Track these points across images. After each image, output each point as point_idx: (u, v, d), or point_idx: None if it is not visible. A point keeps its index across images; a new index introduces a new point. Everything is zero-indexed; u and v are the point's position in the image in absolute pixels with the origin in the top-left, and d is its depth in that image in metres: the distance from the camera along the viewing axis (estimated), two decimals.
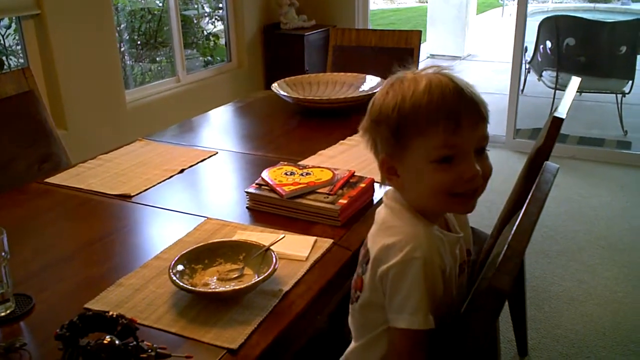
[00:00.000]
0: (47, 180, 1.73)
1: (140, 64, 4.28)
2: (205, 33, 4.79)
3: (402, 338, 0.97)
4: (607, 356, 2.13)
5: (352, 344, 1.13)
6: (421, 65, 1.04)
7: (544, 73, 4.71)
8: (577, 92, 1.82)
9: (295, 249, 1.27)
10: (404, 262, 0.94)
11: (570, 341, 2.20)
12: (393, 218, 1.02)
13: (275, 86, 2.39)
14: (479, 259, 1.62)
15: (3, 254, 1.08)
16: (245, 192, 1.52)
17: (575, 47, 4.51)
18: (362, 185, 1.48)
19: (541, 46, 4.67)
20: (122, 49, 3.97)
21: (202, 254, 1.20)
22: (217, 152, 1.92)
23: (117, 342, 0.91)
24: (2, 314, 1.08)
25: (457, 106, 0.91)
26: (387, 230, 1.01)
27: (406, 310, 0.95)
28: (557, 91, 4.44)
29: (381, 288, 0.99)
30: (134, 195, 1.60)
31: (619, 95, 4.39)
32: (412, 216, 1.00)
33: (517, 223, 0.97)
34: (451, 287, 1.03)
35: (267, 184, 1.50)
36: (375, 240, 1.01)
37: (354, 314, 1.11)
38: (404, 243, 0.95)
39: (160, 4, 4.26)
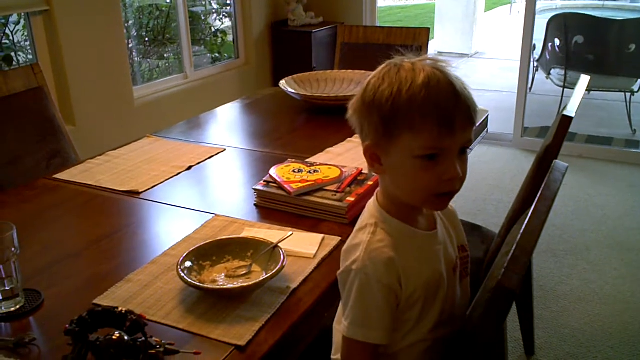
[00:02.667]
0: (56, 176, 1.74)
1: (148, 60, 4.28)
2: (213, 30, 4.80)
3: (344, 344, 0.99)
4: (614, 356, 2.12)
5: None
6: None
7: (552, 71, 4.69)
8: (585, 90, 1.81)
9: (303, 247, 1.27)
10: (344, 272, 0.97)
11: (578, 341, 2.20)
12: (364, 215, 1.03)
13: (283, 83, 2.39)
14: (486, 258, 1.61)
15: (13, 249, 1.08)
16: (253, 189, 1.52)
17: (584, 45, 4.49)
18: (370, 182, 1.48)
19: (550, 44, 4.65)
20: (130, 46, 3.98)
21: (210, 251, 1.20)
22: (224, 149, 1.93)
23: (126, 337, 0.92)
24: (12, 309, 1.09)
25: (452, 109, 0.90)
26: (355, 232, 1.02)
27: (345, 317, 0.97)
28: (565, 89, 4.42)
29: None
30: (142, 192, 1.61)
31: (628, 94, 4.37)
32: (377, 216, 0.99)
33: (526, 222, 0.97)
34: (440, 292, 1.01)
35: (275, 181, 1.50)
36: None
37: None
38: (351, 253, 0.97)
39: (168, 1, 4.26)
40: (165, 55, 4.38)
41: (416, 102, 0.89)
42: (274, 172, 1.55)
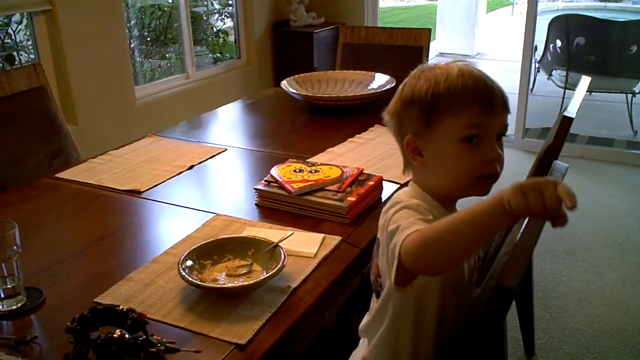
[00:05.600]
0: (58, 175, 1.74)
1: (150, 60, 4.29)
2: (214, 30, 4.80)
3: (404, 247, 0.90)
4: (614, 357, 2.12)
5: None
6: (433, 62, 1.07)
7: (553, 72, 4.69)
8: (587, 91, 1.82)
9: (304, 246, 1.28)
10: (395, 213, 0.96)
11: (578, 342, 2.20)
12: (399, 196, 1.05)
13: (284, 83, 2.40)
14: (487, 258, 1.62)
15: (15, 247, 1.09)
16: (254, 188, 1.52)
17: (585, 46, 4.49)
18: (371, 182, 1.49)
19: (551, 45, 4.65)
20: (132, 45, 3.98)
21: (211, 250, 1.21)
22: (226, 149, 1.93)
23: (127, 335, 0.92)
24: (14, 307, 1.10)
25: (489, 91, 0.97)
26: (396, 197, 1.04)
27: (400, 228, 0.92)
28: (566, 90, 4.42)
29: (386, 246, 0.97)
30: (143, 191, 1.61)
31: (629, 95, 4.37)
32: (418, 197, 1.01)
33: (525, 222, 0.98)
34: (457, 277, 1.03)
35: (276, 181, 1.51)
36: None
37: (377, 305, 1.10)
38: (400, 202, 0.98)
39: (170, 1, 4.27)
40: (167, 55, 4.38)
41: (455, 88, 0.96)
42: (275, 171, 1.55)
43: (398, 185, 1.59)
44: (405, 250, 0.87)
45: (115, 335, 0.92)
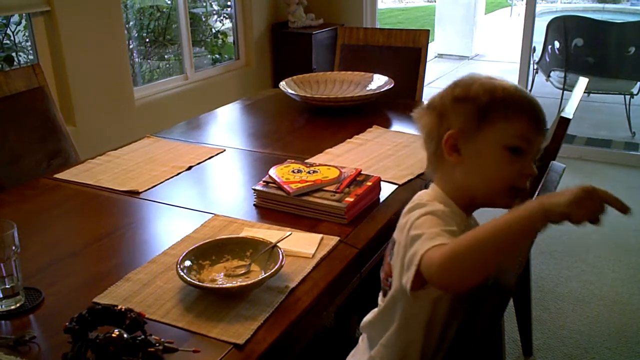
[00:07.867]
0: (57, 175, 1.75)
1: (149, 61, 4.29)
2: (213, 31, 4.81)
3: (427, 258, 0.89)
4: (612, 357, 2.13)
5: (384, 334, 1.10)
6: (431, 64, 1.07)
7: (552, 73, 4.69)
8: (585, 92, 1.82)
9: (302, 246, 1.28)
10: (419, 217, 0.96)
11: (576, 342, 2.20)
12: (420, 197, 1.05)
13: (283, 84, 2.40)
14: None
15: (13, 248, 1.09)
16: (253, 189, 1.53)
17: (583, 48, 4.49)
18: (369, 183, 1.49)
19: (549, 46, 4.66)
20: (131, 47, 3.98)
21: (209, 250, 1.21)
22: (224, 150, 1.93)
23: (125, 335, 0.92)
24: (12, 307, 1.10)
25: (539, 112, 1.01)
26: (416, 198, 1.04)
27: (423, 236, 0.92)
28: (565, 92, 4.43)
29: (403, 248, 0.97)
30: (142, 192, 1.62)
31: (627, 97, 4.38)
32: (441, 201, 1.02)
33: None
34: None
35: (274, 182, 1.51)
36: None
37: (384, 304, 1.10)
38: (423, 205, 0.98)
39: (169, 2, 4.27)
40: (165, 56, 4.38)
41: (512, 97, 1.00)
42: (273, 172, 1.56)
43: (396, 186, 1.60)
44: (431, 262, 0.86)
45: (113, 335, 0.92)
